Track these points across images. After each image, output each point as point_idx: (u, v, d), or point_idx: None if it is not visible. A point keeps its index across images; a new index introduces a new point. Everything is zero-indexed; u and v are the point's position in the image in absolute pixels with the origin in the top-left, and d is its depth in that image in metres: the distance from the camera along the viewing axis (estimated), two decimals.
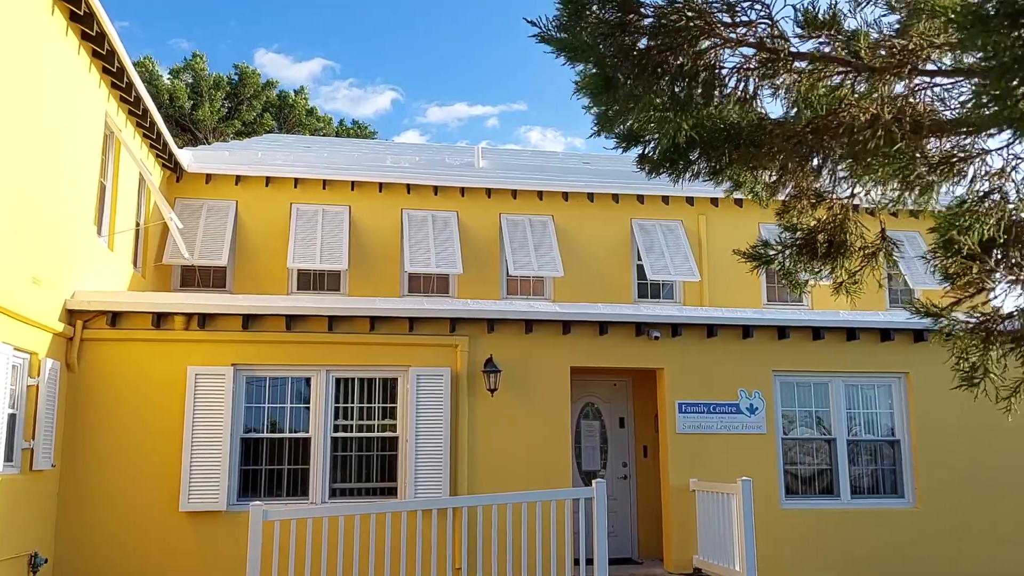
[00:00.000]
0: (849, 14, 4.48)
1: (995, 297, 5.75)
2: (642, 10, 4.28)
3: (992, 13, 2.83)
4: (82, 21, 8.56)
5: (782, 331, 10.47)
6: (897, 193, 5.02)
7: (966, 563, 10.10)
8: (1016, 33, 2.85)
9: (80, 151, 9.09)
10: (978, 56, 3.53)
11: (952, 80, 4.55)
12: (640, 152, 5.18)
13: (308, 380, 9.58)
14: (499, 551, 7.89)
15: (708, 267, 13.73)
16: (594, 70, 4.35)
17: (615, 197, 13.92)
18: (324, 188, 13.35)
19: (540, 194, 13.81)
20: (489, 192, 13.75)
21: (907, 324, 10.69)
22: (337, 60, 53.53)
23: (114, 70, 9.50)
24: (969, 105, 4.16)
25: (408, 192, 13.53)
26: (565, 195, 13.86)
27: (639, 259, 13.60)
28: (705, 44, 4.30)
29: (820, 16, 4.36)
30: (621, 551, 10.78)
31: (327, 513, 7.97)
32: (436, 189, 13.61)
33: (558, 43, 4.27)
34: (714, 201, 14.10)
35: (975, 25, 2.88)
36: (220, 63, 52.16)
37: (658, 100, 4.31)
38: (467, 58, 57.33)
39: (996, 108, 3.17)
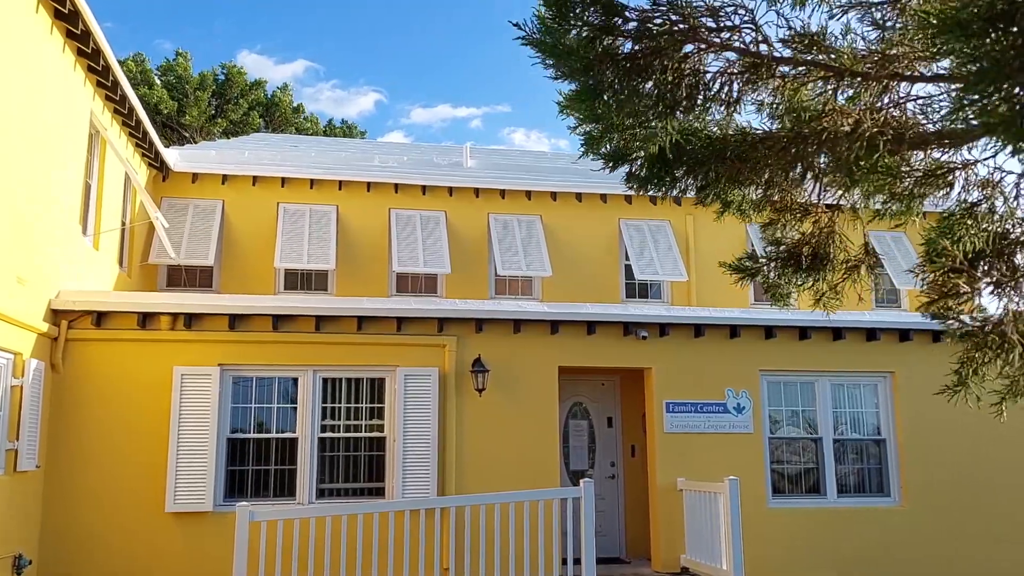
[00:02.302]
0: (838, 36, 4.49)
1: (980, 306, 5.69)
2: (627, 13, 4.28)
3: (969, 17, 2.87)
4: (67, 20, 8.51)
5: (769, 331, 10.52)
6: (881, 205, 5.02)
7: (955, 562, 10.16)
8: (993, 37, 2.88)
9: (65, 150, 9.03)
10: (956, 63, 3.55)
11: (933, 87, 4.58)
12: (627, 170, 5.16)
13: (295, 380, 9.56)
14: (487, 551, 7.90)
15: (696, 267, 13.77)
16: (578, 79, 4.35)
17: (603, 197, 13.93)
18: (311, 187, 13.31)
19: (528, 194, 13.82)
20: (477, 192, 13.74)
21: (893, 324, 10.77)
22: (320, 62, 53.34)
23: (99, 68, 9.44)
24: (949, 113, 4.18)
25: (396, 192, 13.51)
26: (553, 195, 13.87)
27: (627, 259, 13.62)
28: (689, 48, 4.30)
29: (806, 32, 4.38)
30: (609, 550, 10.81)
31: (314, 513, 7.96)
32: (424, 189, 13.59)
33: (541, 46, 4.27)
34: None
35: (953, 30, 2.92)
36: (205, 64, 51.76)
37: (642, 104, 4.31)
38: (451, 60, 57.29)
39: (974, 114, 3.20)
